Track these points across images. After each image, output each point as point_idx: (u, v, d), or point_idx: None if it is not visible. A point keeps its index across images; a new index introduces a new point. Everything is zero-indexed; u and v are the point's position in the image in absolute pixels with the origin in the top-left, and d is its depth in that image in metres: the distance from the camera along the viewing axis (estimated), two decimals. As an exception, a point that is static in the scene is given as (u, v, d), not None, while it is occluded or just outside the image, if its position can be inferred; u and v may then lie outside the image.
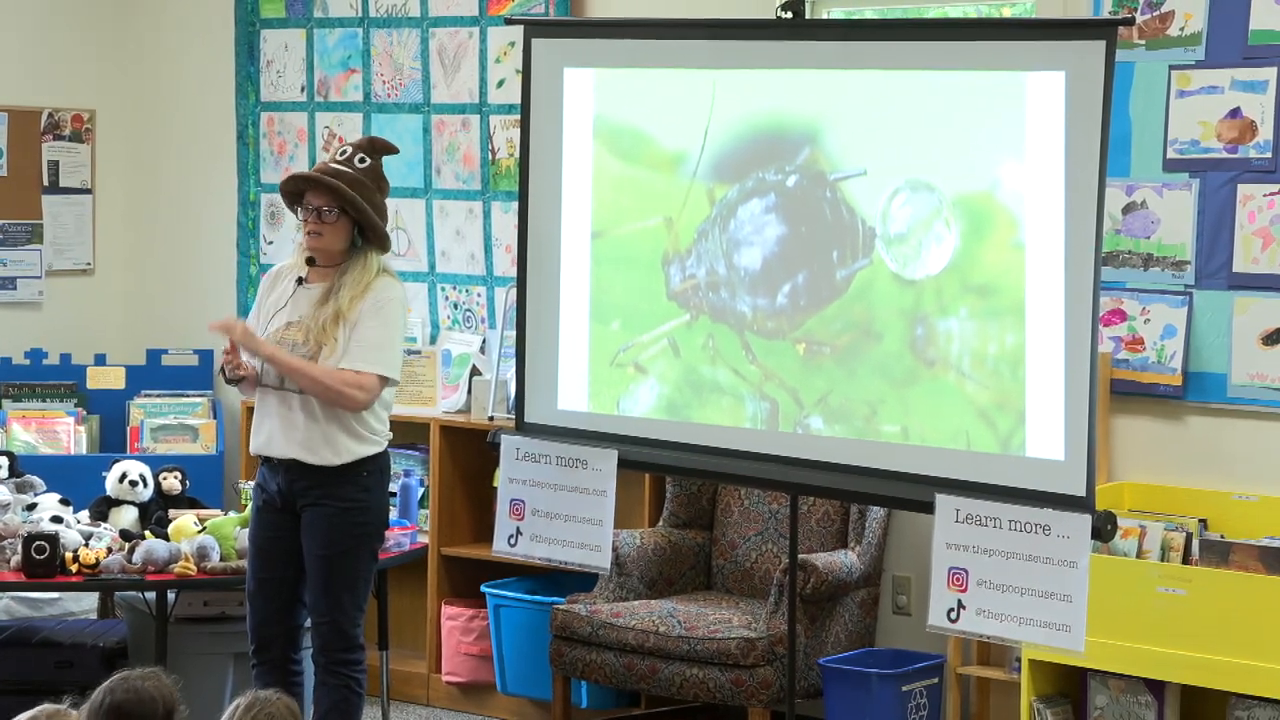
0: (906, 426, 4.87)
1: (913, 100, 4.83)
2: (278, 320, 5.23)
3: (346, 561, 5.22)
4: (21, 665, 6.20)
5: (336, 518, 5.19)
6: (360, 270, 5.21)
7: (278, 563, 5.28)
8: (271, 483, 5.26)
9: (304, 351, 5.17)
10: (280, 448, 5.21)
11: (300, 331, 5.20)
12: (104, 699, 3.57)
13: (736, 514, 6.32)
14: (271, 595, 5.30)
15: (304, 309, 5.22)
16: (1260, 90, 5.48)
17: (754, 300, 5.13)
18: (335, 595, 5.22)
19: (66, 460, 6.90)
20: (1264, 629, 5.03)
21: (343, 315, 5.16)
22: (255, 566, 5.33)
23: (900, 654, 5.89)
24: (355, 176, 5.20)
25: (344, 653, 5.25)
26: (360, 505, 5.23)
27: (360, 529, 5.24)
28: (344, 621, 5.24)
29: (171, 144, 7.63)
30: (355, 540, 5.23)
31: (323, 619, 5.24)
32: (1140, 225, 5.67)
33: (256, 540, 5.32)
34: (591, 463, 5.31)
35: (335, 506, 5.19)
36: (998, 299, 4.70)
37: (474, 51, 6.92)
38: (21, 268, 7.42)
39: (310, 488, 5.19)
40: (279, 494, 5.24)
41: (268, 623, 5.31)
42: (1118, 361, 5.70)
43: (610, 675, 5.94)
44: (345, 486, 5.20)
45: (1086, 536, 4.50)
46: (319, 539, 5.20)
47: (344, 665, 5.25)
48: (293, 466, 5.20)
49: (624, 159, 5.34)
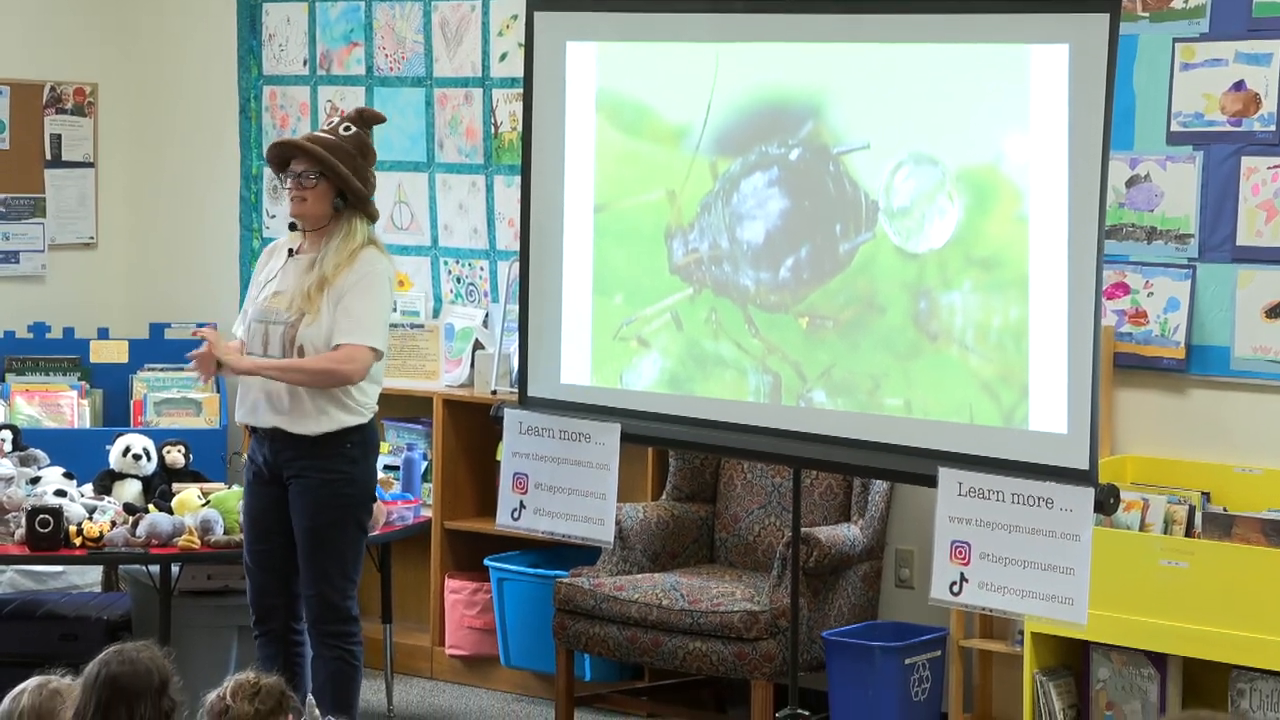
0: (909, 400, 4.87)
1: (916, 73, 4.82)
2: (267, 290, 5.27)
3: (332, 533, 5.23)
4: (25, 638, 6.21)
5: (321, 489, 5.21)
6: (344, 238, 5.23)
7: (270, 533, 5.30)
8: (259, 453, 5.30)
9: (286, 318, 5.19)
10: (264, 417, 5.24)
11: (284, 300, 5.22)
12: (99, 671, 3.58)
13: (739, 487, 6.33)
14: (266, 566, 5.32)
15: (291, 279, 5.25)
16: (1264, 63, 5.47)
17: (757, 274, 5.12)
18: (322, 568, 5.23)
19: (70, 434, 6.91)
20: (1266, 601, 5.04)
21: (327, 281, 5.18)
22: (250, 538, 5.36)
23: (903, 627, 5.90)
24: (336, 143, 5.24)
25: (336, 624, 5.25)
26: (345, 477, 5.24)
27: (345, 500, 5.24)
28: (332, 594, 5.24)
29: (174, 118, 7.62)
30: (340, 512, 5.24)
31: (311, 592, 5.26)
32: (1144, 198, 5.66)
33: (250, 511, 5.35)
34: (594, 436, 5.31)
35: (319, 478, 5.21)
36: (1001, 272, 4.70)
37: (476, 25, 6.91)
38: (24, 241, 7.42)
39: (294, 458, 5.21)
40: (265, 465, 5.28)
41: (265, 593, 5.34)
42: (1121, 335, 5.69)
43: (613, 648, 5.95)
44: (330, 458, 5.21)
45: (1089, 510, 4.50)
46: (304, 511, 5.22)
47: (337, 638, 5.26)
48: (277, 436, 5.23)
49: (626, 132, 5.34)
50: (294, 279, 5.24)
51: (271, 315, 5.23)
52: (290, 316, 5.19)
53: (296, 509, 5.24)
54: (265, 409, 5.23)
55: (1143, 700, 5.38)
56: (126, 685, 3.55)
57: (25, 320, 7.33)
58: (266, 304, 5.25)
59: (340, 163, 5.19)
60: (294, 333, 5.18)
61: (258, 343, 5.23)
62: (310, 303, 5.18)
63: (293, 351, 5.18)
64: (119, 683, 3.55)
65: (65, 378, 7.22)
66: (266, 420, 5.24)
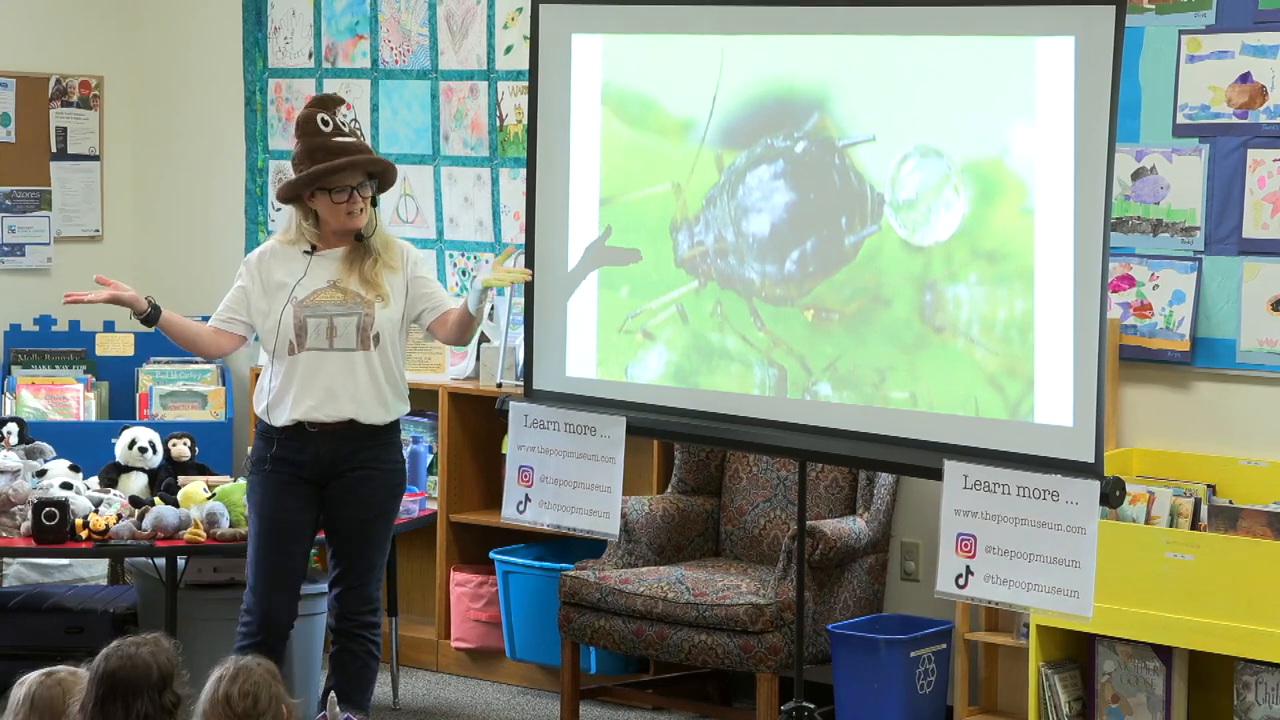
0: (915, 393, 4.87)
1: (922, 66, 4.82)
2: (303, 289, 5.22)
3: (386, 524, 5.33)
4: (32, 631, 6.23)
5: (378, 482, 5.24)
6: (376, 223, 5.29)
7: (301, 536, 5.25)
8: (303, 452, 5.20)
9: (358, 309, 5.19)
10: (339, 408, 5.19)
11: (339, 292, 5.22)
12: (100, 665, 3.59)
13: (745, 480, 6.33)
14: (286, 582, 5.25)
15: (333, 272, 5.23)
16: (1271, 55, 5.46)
17: (762, 267, 5.12)
18: (370, 560, 5.25)
19: (76, 427, 6.91)
20: (1272, 594, 5.04)
21: (389, 267, 5.24)
22: (273, 549, 5.23)
23: (908, 620, 5.90)
24: (363, 143, 5.27)
25: (370, 615, 5.28)
26: (400, 467, 5.35)
27: (397, 491, 5.35)
28: (374, 586, 5.30)
29: (179, 111, 7.62)
30: (396, 501, 5.35)
31: (354, 586, 5.25)
32: (1149, 191, 5.66)
33: (280, 521, 5.23)
34: (600, 429, 5.32)
35: (382, 468, 5.27)
36: (1007, 265, 4.70)
37: (482, 17, 6.90)
38: (30, 234, 7.43)
39: (356, 450, 5.21)
40: (314, 463, 5.21)
41: (277, 613, 5.23)
42: (1126, 327, 5.69)
43: (619, 641, 5.96)
44: (388, 448, 5.28)
45: (1095, 502, 4.50)
46: (364, 503, 5.22)
47: (367, 629, 5.28)
48: (341, 430, 5.20)
49: (632, 125, 5.33)
50: (342, 272, 5.23)
51: (334, 308, 5.21)
52: (362, 306, 5.20)
53: (353, 502, 5.22)
54: (343, 400, 5.19)
55: (1148, 693, 5.38)
56: (123, 680, 3.55)
57: (31, 313, 7.33)
58: (316, 299, 5.21)
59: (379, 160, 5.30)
60: (370, 319, 5.21)
61: (321, 336, 5.19)
62: (380, 290, 5.21)
63: (370, 338, 5.20)
64: (116, 678, 3.55)
65: (71, 370, 7.22)
66: (342, 412, 5.19)
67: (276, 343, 5.22)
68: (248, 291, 5.29)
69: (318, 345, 5.20)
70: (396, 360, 5.27)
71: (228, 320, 5.33)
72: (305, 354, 5.20)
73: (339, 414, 5.19)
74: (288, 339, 5.20)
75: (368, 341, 5.20)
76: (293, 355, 5.20)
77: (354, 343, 5.19)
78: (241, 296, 5.31)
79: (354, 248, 5.24)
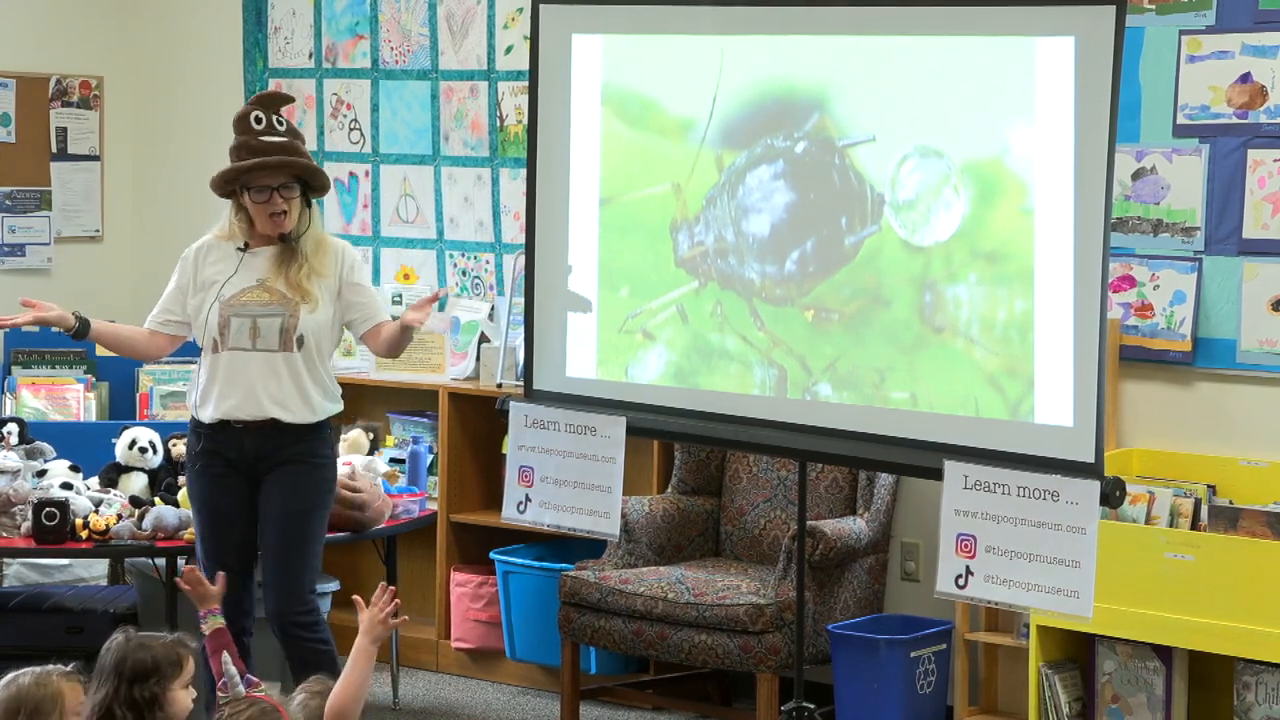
0: (915, 393, 4.87)
1: (922, 66, 4.82)
2: (232, 287, 5.26)
3: (313, 517, 5.30)
4: (32, 631, 6.23)
5: (305, 475, 5.27)
6: (312, 226, 5.30)
7: (236, 528, 5.30)
8: (231, 448, 5.26)
9: (281, 310, 5.22)
10: (255, 409, 5.23)
11: (266, 293, 5.25)
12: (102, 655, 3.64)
13: (745, 480, 6.33)
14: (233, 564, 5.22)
15: (262, 271, 5.27)
16: (1271, 55, 5.46)
17: (762, 267, 5.12)
18: (302, 555, 5.25)
19: (76, 427, 6.91)
20: (1272, 594, 5.04)
21: (315, 272, 5.25)
22: (218, 536, 5.29)
23: (909, 620, 5.90)
24: (292, 144, 5.28)
25: (306, 615, 5.28)
26: (328, 463, 5.35)
27: (326, 485, 5.35)
28: (306, 584, 5.29)
29: (180, 110, 7.62)
30: (323, 497, 5.33)
31: (284, 581, 5.24)
32: (1150, 191, 5.66)
33: (219, 508, 5.29)
34: (600, 429, 5.31)
35: (306, 464, 5.27)
36: (1007, 265, 4.69)
37: (482, 17, 6.90)
38: (30, 234, 7.43)
39: (281, 447, 5.25)
40: (241, 458, 5.26)
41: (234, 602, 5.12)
42: (1127, 328, 5.69)
43: (619, 641, 5.95)
44: (314, 444, 5.29)
45: (1095, 502, 4.50)
46: (288, 497, 5.24)
47: (308, 628, 5.27)
48: (265, 427, 5.23)
49: (632, 125, 5.33)
50: (271, 272, 5.25)
51: (259, 309, 5.24)
52: (287, 309, 5.22)
53: (279, 496, 5.25)
54: (263, 400, 5.23)
55: (1148, 693, 5.38)
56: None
57: (31, 313, 7.33)
58: (242, 298, 5.26)
59: (304, 159, 5.28)
60: (294, 322, 5.23)
61: (244, 336, 5.23)
62: (307, 294, 5.22)
63: (293, 341, 5.22)
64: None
65: (71, 371, 7.22)
66: (264, 411, 5.24)
67: (204, 339, 5.30)
68: (182, 289, 5.38)
69: (240, 345, 5.25)
70: (323, 362, 5.31)
71: (163, 321, 5.41)
72: (228, 353, 5.26)
73: (261, 413, 5.25)
74: (212, 337, 5.28)
75: (290, 343, 5.24)
76: (216, 353, 5.27)
77: (276, 344, 5.23)
78: (177, 295, 5.40)
79: (284, 248, 5.28)
